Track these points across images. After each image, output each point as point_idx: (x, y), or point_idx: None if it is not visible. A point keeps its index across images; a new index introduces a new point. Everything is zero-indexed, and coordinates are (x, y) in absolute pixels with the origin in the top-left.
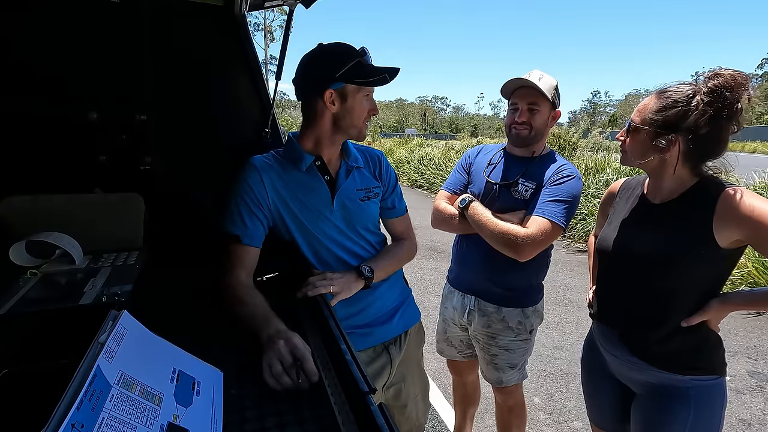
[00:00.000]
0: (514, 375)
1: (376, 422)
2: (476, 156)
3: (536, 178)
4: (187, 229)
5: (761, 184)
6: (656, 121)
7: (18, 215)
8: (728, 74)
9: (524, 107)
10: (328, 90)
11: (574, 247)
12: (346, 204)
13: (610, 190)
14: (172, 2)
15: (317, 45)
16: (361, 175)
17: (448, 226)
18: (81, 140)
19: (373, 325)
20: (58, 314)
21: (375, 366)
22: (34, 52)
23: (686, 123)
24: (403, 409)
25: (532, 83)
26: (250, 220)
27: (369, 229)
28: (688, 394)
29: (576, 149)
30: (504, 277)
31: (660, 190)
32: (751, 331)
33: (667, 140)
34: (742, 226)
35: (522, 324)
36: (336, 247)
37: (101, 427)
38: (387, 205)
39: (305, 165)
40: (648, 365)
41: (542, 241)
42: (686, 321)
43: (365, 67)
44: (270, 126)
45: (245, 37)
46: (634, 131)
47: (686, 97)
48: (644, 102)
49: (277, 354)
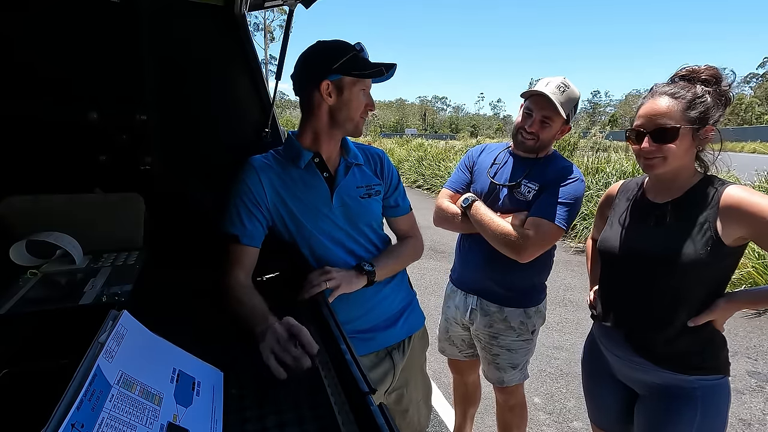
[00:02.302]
0: (516, 375)
1: (376, 422)
2: (479, 155)
3: (539, 179)
4: (187, 229)
5: (761, 184)
6: (695, 117)
7: (18, 215)
8: (708, 66)
9: (537, 118)
10: (324, 81)
11: (574, 248)
12: (346, 201)
13: (609, 193)
14: (172, 2)
15: (315, 42)
16: (361, 172)
17: (451, 225)
18: (81, 140)
19: (376, 330)
20: (58, 314)
21: (377, 372)
22: (34, 52)
23: (713, 115)
24: (405, 414)
25: (551, 99)
26: (249, 220)
27: (372, 227)
28: (695, 395)
29: (576, 149)
30: (506, 277)
31: (667, 190)
32: (751, 331)
33: (704, 133)
34: (745, 222)
35: (524, 324)
36: (337, 247)
37: (101, 427)
38: (390, 204)
39: (304, 162)
40: (654, 366)
41: (543, 244)
42: (693, 321)
43: (361, 61)
44: (270, 126)
45: (245, 37)
46: (677, 137)
47: (700, 92)
48: (661, 106)
49: (274, 334)
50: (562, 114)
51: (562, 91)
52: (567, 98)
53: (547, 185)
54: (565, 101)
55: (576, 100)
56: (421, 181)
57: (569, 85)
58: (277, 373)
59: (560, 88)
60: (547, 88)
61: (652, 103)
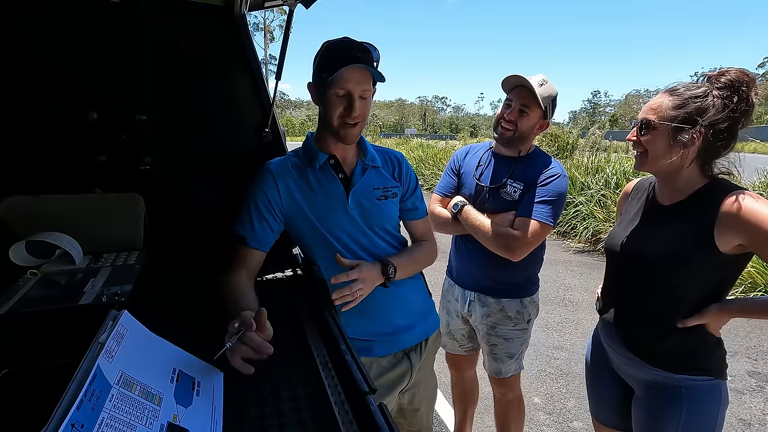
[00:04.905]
0: (512, 365)
1: (376, 422)
2: (464, 158)
3: (523, 178)
4: (187, 228)
5: (761, 184)
6: (678, 116)
7: (18, 215)
8: (738, 70)
9: (516, 106)
10: (309, 83)
11: (574, 248)
12: (363, 203)
13: (625, 191)
14: (172, 2)
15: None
16: (378, 174)
17: (444, 228)
18: (81, 140)
19: (396, 332)
20: (58, 314)
21: (395, 372)
22: (34, 52)
23: (706, 117)
24: (416, 413)
25: (530, 85)
26: (259, 224)
27: (387, 230)
28: (680, 393)
29: (575, 149)
30: (503, 273)
31: (671, 191)
32: (751, 331)
33: (690, 135)
34: (742, 230)
35: (520, 313)
36: (351, 248)
37: (101, 427)
38: (407, 207)
39: (319, 163)
40: (642, 362)
41: (533, 241)
42: (682, 322)
43: (332, 62)
44: (270, 126)
45: (245, 37)
46: (653, 130)
47: (702, 93)
48: (656, 101)
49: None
50: (540, 103)
51: (541, 85)
52: (546, 92)
53: (531, 184)
54: (544, 95)
55: (554, 96)
56: (422, 181)
57: (548, 81)
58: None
59: (540, 83)
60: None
61: (654, 98)
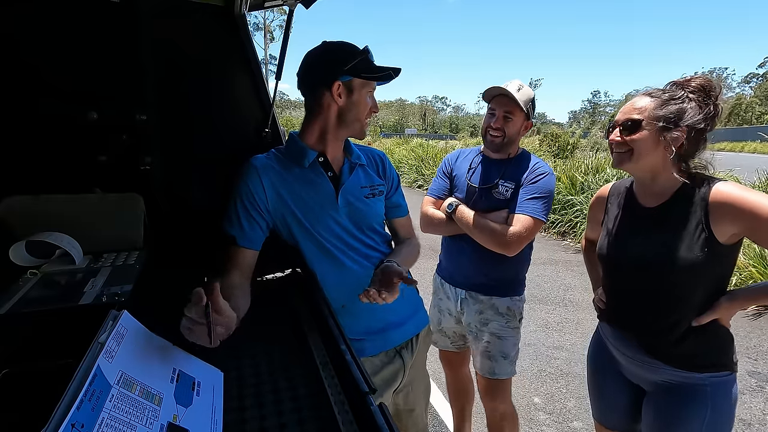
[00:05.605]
0: (507, 367)
1: (376, 422)
2: (455, 161)
3: (514, 178)
4: (187, 228)
5: (761, 184)
6: (663, 116)
7: (18, 215)
8: (703, 77)
9: (500, 114)
10: (336, 82)
11: (574, 248)
12: (351, 201)
13: (600, 195)
14: (172, 2)
15: (321, 42)
16: (365, 172)
17: (438, 229)
18: (81, 140)
19: (387, 329)
20: (58, 314)
21: (388, 371)
22: (34, 52)
23: (687, 117)
24: (411, 413)
25: (510, 93)
26: (248, 222)
27: (375, 228)
28: (705, 391)
29: (576, 149)
30: (496, 269)
31: (653, 193)
32: (751, 331)
33: (675, 134)
34: (737, 218)
35: (511, 310)
36: (340, 246)
37: (101, 427)
38: (392, 204)
39: (308, 161)
40: (665, 365)
41: (527, 236)
42: (697, 320)
43: (371, 64)
44: (270, 126)
45: (245, 37)
46: (640, 129)
47: (680, 96)
48: (638, 102)
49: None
50: (522, 107)
51: (519, 90)
52: (524, 96)
53: (522, 183)
54: (523, 99)
55: (532, 98)
56: (421, 181)
57: (524, 85)
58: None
59: (518, 88)
60: (506, 88)
61: (632, 100)
